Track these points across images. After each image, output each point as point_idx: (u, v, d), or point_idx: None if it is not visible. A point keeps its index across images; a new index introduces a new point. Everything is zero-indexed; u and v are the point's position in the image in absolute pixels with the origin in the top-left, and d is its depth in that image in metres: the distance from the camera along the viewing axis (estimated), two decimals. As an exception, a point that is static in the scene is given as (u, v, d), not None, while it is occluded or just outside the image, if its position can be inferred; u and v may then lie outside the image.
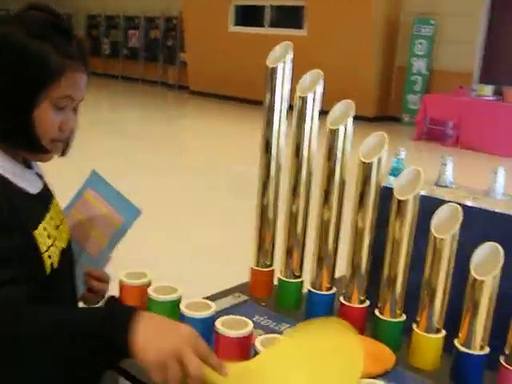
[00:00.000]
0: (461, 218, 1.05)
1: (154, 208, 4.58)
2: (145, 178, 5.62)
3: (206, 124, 9.78)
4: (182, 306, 0.95)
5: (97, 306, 1.12)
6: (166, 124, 9.58)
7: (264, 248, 1.32)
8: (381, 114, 10.09)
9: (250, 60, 11.57)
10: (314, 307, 1.24)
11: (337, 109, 1.17)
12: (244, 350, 0.91)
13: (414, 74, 10.11)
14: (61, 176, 1.11)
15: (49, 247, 0.96)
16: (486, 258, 1.03)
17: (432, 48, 10.01)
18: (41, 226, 0.97)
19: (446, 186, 1.37)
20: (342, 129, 1.15)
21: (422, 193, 1.33)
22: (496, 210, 1.26)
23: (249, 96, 11.73)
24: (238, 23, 11.99)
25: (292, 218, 1.26)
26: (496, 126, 8.16)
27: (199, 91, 12.65)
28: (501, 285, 1.02)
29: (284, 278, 1.28)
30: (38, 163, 1.09)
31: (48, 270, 0.96)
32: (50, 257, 0.95)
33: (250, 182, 6.30)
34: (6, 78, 0.91)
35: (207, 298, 1.22)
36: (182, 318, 0.95)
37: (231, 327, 0.90)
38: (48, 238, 0.97)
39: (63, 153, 1.09)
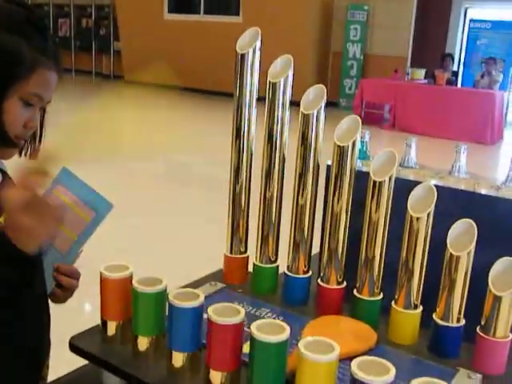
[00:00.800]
0: (435, 196, 1.08)
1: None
2: (85, 171, 5.48)
3: (142, 114, 9.61)
4: (171, 297, 0.94)
5: None
6: (101, 114, 9.35)
7: (238, 235, 1.31)
8: (319, 100, 10.23)
9: (186, 48, 11.45)
10: (291, 291, 1.25)
11: (310, 93, 1.18)
12: (237, 336, 0.91)
13: (349, 59, 10.32)
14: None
15: None
16: (461, 235, 1.07)
17: (366, 33, 10.23)
18: (1, 219, 0.94)
19: (411, 167, 1.41)
20: (315, 113, 1.16)
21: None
22: (460, 188, 1.31)
23: (185, 84, 11.60)
24: (172, 10, 11.81)
25: (266, 203, 1.26)
26: (429, 108, 8.47)
27: (134, 81, 12.41)
28: (474, 260, 1.07)
29: (260, 264, 1.29)
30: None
31: None
32: None
33: (188, 170, 6.33)
34: None
35: (183, 287, 1.21)
36: (170, 307, 0.94)
37: (223, 314, 0.90)
38: None
39: (33, 155, 1.07)
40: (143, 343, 1.01)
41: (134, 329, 1.01)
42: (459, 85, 9.24)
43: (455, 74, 9.40)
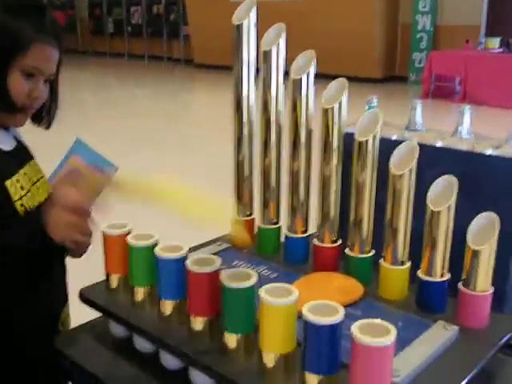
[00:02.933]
0: (417, 154, 1.10)
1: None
2: (157, 154, 5.71)
3: (214, 96, 9.80)
4: (156, 249, 1.03)
5: None
6: (174, 99, 9.62)
7: (243, 199, 1.39)
8: (389, 74, 10.01)
9: (253, 29, 11.50)
10: (290, 250, 1.32)
11: (299, 59, 1.22)
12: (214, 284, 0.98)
13: (419, 32, 9.99)
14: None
15: (21, 197, 1.06)
16: (443, 191, 1.08)
17: (436, 3, 9.86)
18: (14, 178, 1.09)
19: (417, 130, 1.42)
20: (304, 78, 1.20)
21: (393, 137, 1.39)
22: (459, 148, 1.31)
23: (254, 65, 11.64)
24: (238, -8, 11.86)
25: (266, 170, 1.32)
26: (504, 78, 8.08)
27: (204, 64, 12.63)
28: (459, 215, 1.08)
29: (262, 226, 1.35)
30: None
31: (22, 214, 1.08)
32: (22, 205, 1.05)
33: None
34: None
35: (192, 248, 1.31)
36: (156, 259, 1.03)
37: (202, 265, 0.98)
38: (21, 189, 1.09)
39: (48, 126, 1.20)
40: (139, 293, 1.11)
41: (131, 280, 1.12)
42: (537, 52, 8.73)
43: (533, 40, 8.89)
